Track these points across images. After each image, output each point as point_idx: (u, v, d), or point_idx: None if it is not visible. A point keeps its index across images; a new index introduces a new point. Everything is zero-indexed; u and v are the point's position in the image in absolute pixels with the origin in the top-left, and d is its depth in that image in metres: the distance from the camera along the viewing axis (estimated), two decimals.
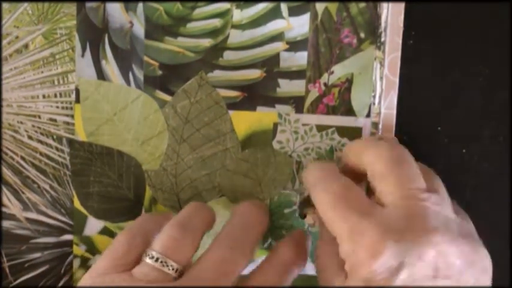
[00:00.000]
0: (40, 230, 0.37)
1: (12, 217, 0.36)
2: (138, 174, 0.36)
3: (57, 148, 0.36)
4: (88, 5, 0.34)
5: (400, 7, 0.33)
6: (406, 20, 0.33)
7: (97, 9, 0.34)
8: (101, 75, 0.35)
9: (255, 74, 0.35)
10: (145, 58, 0.35)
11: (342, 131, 0.34)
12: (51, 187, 0.36)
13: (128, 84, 0.35)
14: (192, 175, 0.36)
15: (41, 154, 0.36)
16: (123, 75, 0.35)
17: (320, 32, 0.34)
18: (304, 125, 0.35)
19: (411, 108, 0.34)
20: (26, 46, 0.35)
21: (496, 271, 0.28)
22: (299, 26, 0.34)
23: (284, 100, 0.35)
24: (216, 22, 0.34)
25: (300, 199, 0.35)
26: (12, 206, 0.36)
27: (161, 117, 0.35)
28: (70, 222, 0.37)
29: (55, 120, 0.36)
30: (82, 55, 0.35)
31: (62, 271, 0.37)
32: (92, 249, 0.37)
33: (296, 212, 0.35)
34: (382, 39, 0.33)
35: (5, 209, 0.36)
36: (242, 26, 0.34)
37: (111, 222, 0.36)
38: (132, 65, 0.35)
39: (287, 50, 0.34)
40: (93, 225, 0.36)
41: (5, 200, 0.36)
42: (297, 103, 0.35)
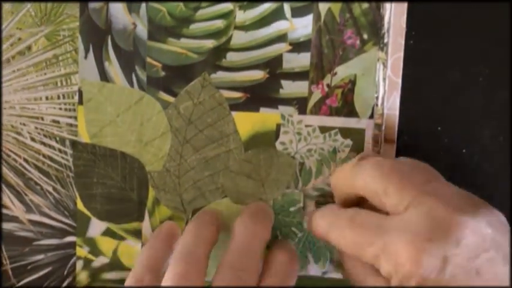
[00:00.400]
0: (43, 232, 0.37)
1: (15, 219, 0.36)
2: (142, 175, 0.36)
3: (60, 150, 0.36)
4: (91, 7, 0.34)
5: (403, 7, 0.33)
6: (407, 20, 0.33)
7: (100, 10, 0.34)
8: (104, 76, 0.35)
9: (258, 75, 0.35)
10: (148, 59, 0.35)
11: (345, 132, 0.34)
12: (54, 189, 0.36)
13: (131, 85, 0.35)
14: (195, 176, 0.36)
15: (44, 156, 0.36)
16: (126, 76, 0.35)
17: (323, 33, 0.34)
18: (307, 126, 0.35)
19: (412, 108, 0.34)
20: (29, 48, 0.35)
21: None
22: (302, 27, 0.34)
23: (287, 101, 0.35)
24: (219, 23, 0.34)
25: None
26: (15, 208, 0.36)
27: (164, 118, 0.35)
28: (73, 224, 0.36)
29: (58, 122, 0.36)
30: (85, 57, 0.35)
31: (65, 273, 0.37)
32: (95, 250, 0.37)
33: (301, 211, 0.35)
34: (385, 40, 0.33)
35: (8, 211, 0.36)
36: (245, 27, 0.34)
37: (114, 223, 0.36)
38: (135, 66, 0.35)
39: (290, 51, 0.34)
40: (96, 226, 0.36)
41: (8, 202, 0.36)
42: (300, 104, 0.35)
